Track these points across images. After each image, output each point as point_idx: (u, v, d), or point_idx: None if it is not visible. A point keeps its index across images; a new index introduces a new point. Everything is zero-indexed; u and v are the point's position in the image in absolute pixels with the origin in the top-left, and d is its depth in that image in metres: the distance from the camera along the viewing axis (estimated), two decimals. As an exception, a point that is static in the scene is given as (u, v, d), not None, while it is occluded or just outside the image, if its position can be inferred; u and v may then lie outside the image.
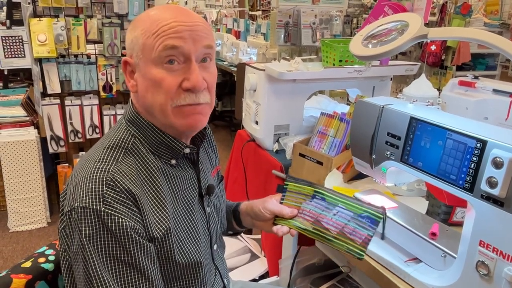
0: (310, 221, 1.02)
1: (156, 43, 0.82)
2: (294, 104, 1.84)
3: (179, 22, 0.83)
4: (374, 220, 0.98)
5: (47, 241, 2.77)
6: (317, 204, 1.05)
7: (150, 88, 0.84)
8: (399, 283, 1.02)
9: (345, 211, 1.01)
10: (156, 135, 0.89)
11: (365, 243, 0.95)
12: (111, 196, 0.79)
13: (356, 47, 1.10)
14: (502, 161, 0.79)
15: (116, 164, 0.83)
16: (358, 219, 0.99)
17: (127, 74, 0.89)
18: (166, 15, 0.84)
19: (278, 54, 3.28)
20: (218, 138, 4.94)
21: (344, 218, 1.00)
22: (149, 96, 0.85)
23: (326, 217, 1.01)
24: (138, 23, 0.86)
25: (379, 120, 1.08)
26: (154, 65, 0.83)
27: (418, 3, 1.66)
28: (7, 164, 2.81)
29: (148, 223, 0.83)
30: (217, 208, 1.05)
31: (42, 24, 2.70)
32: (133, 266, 0.80)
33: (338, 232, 0.98)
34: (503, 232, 0.81)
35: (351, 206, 1.01)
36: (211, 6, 8.09)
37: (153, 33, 0.82)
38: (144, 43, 0.83)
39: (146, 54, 0.83)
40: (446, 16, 4.64)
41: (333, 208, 1.02)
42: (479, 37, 0.93)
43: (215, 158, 1.10)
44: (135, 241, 0.80)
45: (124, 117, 0.93)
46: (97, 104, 2.98)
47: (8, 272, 0.97)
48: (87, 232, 0.77)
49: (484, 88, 1.47)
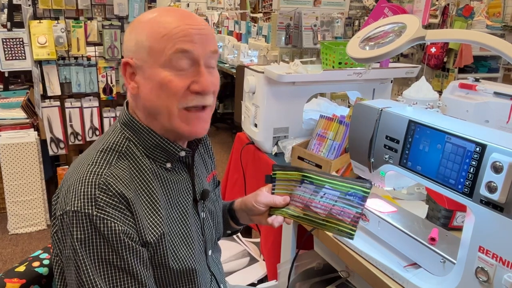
0: (300, 207, 1.02)
1: (167, 47, 0.82)
2: (293, 107, 1.83)
3: (189, 25, 0.83)
4: (362, 196, 0.96)
5: (46, 244, 2.76)
6: (305, 189, 1.03)
7: (156, 90, 0.84)
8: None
9: (332, 192, 0.99)
10: (151, 138, 0.88)
11: (354, 222, 0.95)
12: (103, 200, 0.78)
13: (353, 49, 1.09)
14: (502, 166, 0.78)
15: (109, 167, 0.82)
16: (345, 198, 0.97)
17: (127, 76, 0.88)
18: (174, 18, 0.83)
19: (279, 56, 3.27)
20: (219, 140, 4.94)
21: (331, 199, 0.99)
22: (154, 98, 0.84)
23: (314, 201, 1.00)
24: (142, 25, 0.85)
25: (378, 123, 1.06)
26: (162, 68, 0.83)
27: (418, 5, 1.65)
28: (7, 166, 2.81)
29: (141, 228, 0.82)
30: (212, 214, 1.04)
31: (42, 26, 2.70)
32: (125, 271, 0.79)
33: (326, 215, 0.98)
34: (502, 238, 0.80)
35: (337, 185, 0.99)
36: (212, 9, 8.10)
37: (162, 36, 0.82)
38: (151, 46, 0.83)
39: (154, 57, 0.83)
40: (448, 18, 4.63)
41: (320, 191, 1.01)
42: (477, 39, 0.91)
43: (211, 163, 1.09)
44: (127, 246, 0.78)
45: (119, 120, 0.91)
46: (97, 106, 2.97)
47: (2, 276, 0.96)
48: (79, 236, 0.76)
49: (485, 91, 1.46)
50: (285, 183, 1.06)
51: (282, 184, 1.06)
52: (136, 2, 2.89)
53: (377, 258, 1.08)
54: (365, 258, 1.11)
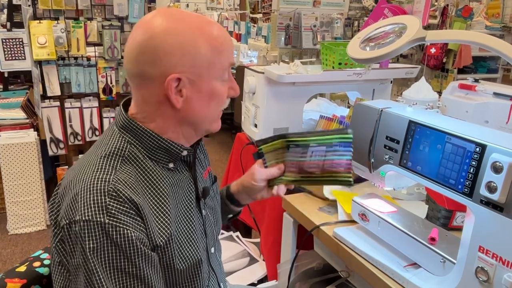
0: (295, 171, 1.05)
1: (223, 61, 0.87)
2: (293, 107, 1.83)
3: (230, 39, 0.90)
4: (346, 143, 1.00)
5: (46, 244, 2.76)
6: (294, 153, 1.06)
7: (208, 101, 0.88)
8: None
9: (319, 148, 1.02)
10: (153, 140, 0.87)
11: (348, 169, 0.99)
12: (114, 207, 0.77)
13: (353, 50, 1.09)
14: (502, 166, 0.78)
15: (115, 173, 0.81)
16: (332, 149, 1.01)
17: (173, 91, 0.83)
18: (219, 31, 0.87)
19: (279, 56, 3.27)
20: (219, 141, 4.94)
21: (320, 156, 1.02)
22: (204, 109, 0.88)
23: (306, 162, 1.03)
24: (195, 40, 0.83)
25: (378, 124, 1.07)
26: (217, 80, 0.87)
27: (417, 6, 1.65)
28: (6, 166, 2.81)
29: (151, 232, 0.81)
30: (212, 210, 1.04)
31: (42, 27, 2.71)
32: (137, 277, 0.78)
33: (321, 171, 1.01)
34: (502, 237, 0.80)
35: (321, 140, 1.02)
36: (212, 9, 8.11)
37: (220, 51, 0.85)
38: (211, 61, 0.84)
39: (212, 71, 0.86)
40: (447, 19, 4.63)
41: (308, 150, 1.04)
42: (476, 39, 0.92)
43: (204, 159, 1.09)
44: (140, 252, 0.78)
45: (115, 124, 0.89)
46: (97, 106, 2.98)
47: (3, 276, 0.96)
48: (91, 245, 0.75)
49: (484, 91, 1.46)
50: (273, 154, 1.09)
51: (271, 155, 1.09)
52: (136, 3, 2.89)
53: (377, 258, 1.08)
54: (365, 258, 1.11)
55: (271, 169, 1.08)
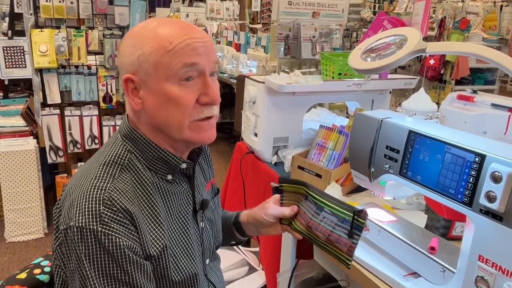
0: (304, 225, 1.03)
1: (174, 61, 0.81)
2: (293, 117, 1.84)
3: (194, 38, 0.83)
4: (358, 226, 0.95)
5: (43, 252, 2.75)
6: (308, 207, 1.03)
7: (165, 105, 0.83)
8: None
9: (331, 217, 0.98)
10: (153, 151, 0.88)
11: (350, 252, 0.94)
12: (108, 215, 0.78)
13: (355, 61, 1.10)
14: (501, 176, 0.79)
15: (112, 181, 0.82)
16: (342, 225, 0.96)
17: (129, 92, 0.86)
18: (176, 31, 0.82)
19: (278, 66, 3.29)
20: (218, 150, 4.94)
21: (329, 225, 0.98)
22: (163, 114, 0.84)
23: (315, 223, 1.01)
24: (143, 40, 0.83)
25: (378, 134, 1.08)
26: (169, 82, 0.82)
27: (416, 18, 1.67)
28: (5, 173, 2.80)
29: (145, 241, 0.82)
30: (211, 222, 1.04)
31: (44, 35, 2.72)
32: (129, 285, 0.79)
33: (325, 240, 0.99)
34: (502, 247, 0.81)
35: (335, 210, 0.98)
36: (212, 19, 8.16)
37: (168, 50, 0.81)
38: (157, 61, 0.81)
39: (160, 72, 0.82)
40: (444, 31, 4.68)
41: (320, 213, 1.00)
42: (476, 51, 0.93)
43: (209, 171, 1.09)
44: (132, 261, 0.79)
45: (119, 132, 0.91)
46: (96, 114, 2.98)
47: (3, 283, 0.96)
48: (84, 251, 0.77)
49: (482, 103, 1.47)
50: (292, 195, 1.07)
51: (290, 195, 1.08)
52: (137, 12, 2.92)
53: (377, 267, 1.09)
54: (365, 267, 1.11)
55: (284, 208, 1.06)
